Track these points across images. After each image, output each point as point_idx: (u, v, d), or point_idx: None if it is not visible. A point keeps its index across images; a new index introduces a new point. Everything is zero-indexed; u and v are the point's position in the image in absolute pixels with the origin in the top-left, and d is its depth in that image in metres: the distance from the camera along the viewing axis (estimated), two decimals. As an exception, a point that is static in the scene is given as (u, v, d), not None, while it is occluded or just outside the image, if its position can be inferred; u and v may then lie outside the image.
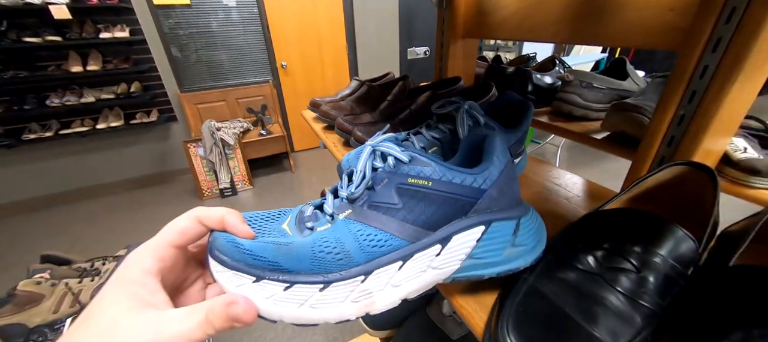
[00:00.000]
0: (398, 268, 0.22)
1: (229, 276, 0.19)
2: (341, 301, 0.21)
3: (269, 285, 0.19)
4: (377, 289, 0.21)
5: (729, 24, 0.29)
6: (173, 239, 0.20)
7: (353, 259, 0.21)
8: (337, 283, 0.20)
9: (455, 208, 0.24)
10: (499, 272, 0.25)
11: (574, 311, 0.21)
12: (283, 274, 0.20)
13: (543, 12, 0.48)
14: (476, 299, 0.28)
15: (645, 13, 0.37)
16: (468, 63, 0.71)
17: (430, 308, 0.59)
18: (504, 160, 0.27)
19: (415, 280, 0.23)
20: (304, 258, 0.20)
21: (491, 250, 0.25)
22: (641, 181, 0.31)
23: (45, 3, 1.81)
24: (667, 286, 0.21)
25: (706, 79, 0.31)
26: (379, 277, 0.21)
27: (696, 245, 0.22)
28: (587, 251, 0.24)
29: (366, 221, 0.22)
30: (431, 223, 0.23)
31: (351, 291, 0.21)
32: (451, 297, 0.28)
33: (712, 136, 0.33)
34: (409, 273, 0.22)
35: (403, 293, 0.23)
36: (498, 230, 0.25)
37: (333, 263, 0.21)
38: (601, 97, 0.59)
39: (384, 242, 0.22)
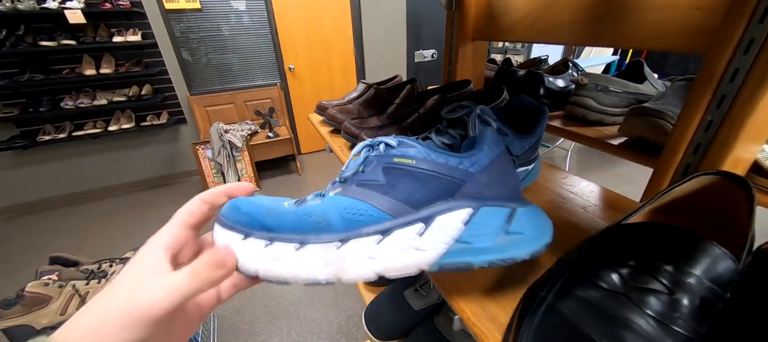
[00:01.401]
0: (377, 242, 0.22)
1: (224, 233, 0.22)
2: (314, 262, 0.21)
3: (253, 242, 0.21)
4: (352, 258, 0.22)
5: (763, 23, 0.27)
6: (183, 220, 0.23)
7: (332, 226, 0.22)
8: (313, 244, 0.21)
9: (440, 187, 0.24)
10: (490, 261, 0.23)
11: (599, 335, 0.19)
12: (266, 233, 0.21)
13: (557, 12, 0.46)
14: (490, 317, 0.26)
15: (668, 12, 0.35)
16: (478, 66, 0.70)
17: (438, 319, 0.57)
18: (496, 150, 0.28)
19: (395, 257, 0.22)
20: (288, 220, 0.22)
21: (481, 236, 0.24)
22: (667, 192, 0.29)
23: (61, 8, 1.86)
24: (703, 309, 0.19)
25: (737, 83, 0.29)
26: (356, 246, 0.22)
27: (735, 264, 0.20)
28: (611, 268, 0.23)
29: (351, 195, 0.24)
30: (414, 201, 0.23)
31: (325, 254, 0.21)
32: (463, 313, 0.27)
33: (743, 143, 0.31)
34: (389, 248, 0.22)
35: (379, 268, 0.22)
36: (488, 215, 0.24)
37: (312, 226, 0.22)
38: (617, 101, 0.57)
39: (364, 212, 0.23)
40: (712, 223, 0.27)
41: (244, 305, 1.51)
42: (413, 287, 0.62)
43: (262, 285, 1.65)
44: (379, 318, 0.58)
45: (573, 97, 0.59)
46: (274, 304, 1.51)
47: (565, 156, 2.67)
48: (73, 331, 0.17)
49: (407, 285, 0.63)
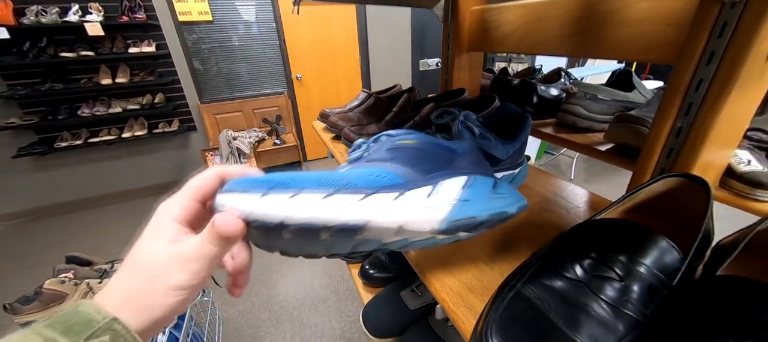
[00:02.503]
0: (394, 198, 0.24)
1: (236, 197, 0.21)
2: (343, 207, 0.22)
3: (276, 195, 0.21)
4: (376, 208, 0.23)
5: (721, 38, 0.29)
6: (193, 194, 0.23)
7: (355, 184, 0.23)
8: (340, 193, 0.22)
9: (437, 158, 0.29)
10: (489, 212, 0.27)
11: (558, 317, 0.22)
12: (289, 189, 0.21)
13: (543, 28, 0.49)
14: (467, 306, 0.28)
15: (642, 28, 0.37)
16: (473, 75, 0.73)
17: (433, 318, 0.59)
18: (472, 142, 0.34)
19: (412, 212, 0.24)
20: (310, 179, 0.22)
21: (477, 194, 0.28)
22: (636, 192, 0.31)
23: (81, 21, 1.96)
24: (650, 295, 0.21)
25: (702, 92, 0.31)
26: (378, 199, 0.23)
27: (680, 255, 0.22)
28: (575, 260, 0.25)
29: (364, 166, 0.27)
30: (419, 168, 0.27)
31: (351, 203, 0.22)
32: (443, 302, 0.29)
33: (711, 148, 0.33)
34: (405, 205, 0.24)
35: (400, 219, 0.23)
36: (479, 182, 0.29)
37: (337, 182, 0.23)
38: (606, 109, 0.59)
39: (381, 174, 0.25)
40: (675, 219, 0.29)
41: (249, 309, 1.54)
42: (409, 288, 0.64)
43: (266, 289, 1.66)
44: (376, 317, 0.60)
45: (564, 105, 0.61)
46: (278, 308, 1.54)
47: (571, 163, 2.67)
48: (121, 303, 0.19)
49: (403, 286, 0.65)
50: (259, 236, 0.22)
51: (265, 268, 1.79)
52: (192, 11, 2.30)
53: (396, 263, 0.68)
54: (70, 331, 0.17)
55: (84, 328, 0.17)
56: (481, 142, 0.35)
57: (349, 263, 0.78)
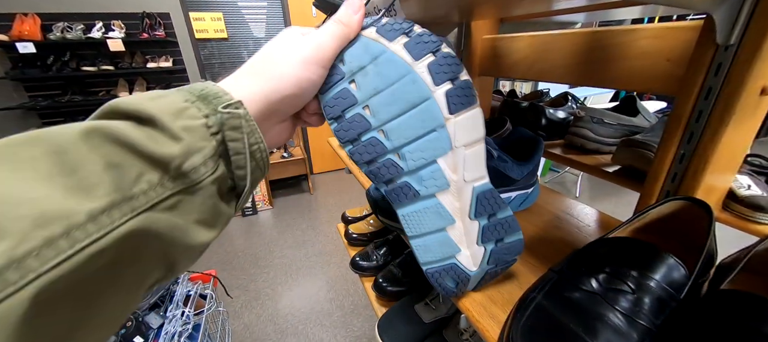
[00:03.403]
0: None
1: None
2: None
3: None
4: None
5: (717, 77, 0.32)
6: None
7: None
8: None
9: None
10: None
11: (577, 326, 0.24)
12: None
13: (551, 57, 0.53)
14: (491, 316, 0.31)
15: (645, 61, 0.41)
16: (484, 98, 0.77)
17: (447, 331, 0.60)
18: None
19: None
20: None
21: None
22: (644, 213, 0.34)
23: (104, 37, 2.05)
24: (660, 306, 0.24)
25: (702, 122, 0.34)
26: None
27: (687, 272, 0.25)
28: (590, 274, 0.27)
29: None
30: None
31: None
32: (468, 312, 0.32)
33: (712, 173, 0.35)
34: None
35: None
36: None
37: None
38: (612, 132, 0.62)
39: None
40: (680, 239, 0.31)
41: (254, 322, 1.54)
42: (423, 302, 0.66)
43: (272, 303, 1.66)
44: (391, 329, 0.61)
45: (572, 128, 0.64)
46: (283, 322, 1.54)
47: (576, 181, 2.68)
48: (250, 77, 0.21)
49: (417, 299, 0.67)
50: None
51: (271, 281, 1.79)
52: (209, 29, 2.40)
53: (409, 277, 0.70)
54: (205, 99, 0.18)
55: (216, 101, 0.18)
56: (499, 164, 0.38)
57: (362, 276, 0.80)
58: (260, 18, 2.56)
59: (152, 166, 0.15)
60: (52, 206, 0.12)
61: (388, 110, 0.25)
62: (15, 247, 0.11)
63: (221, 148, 0.18)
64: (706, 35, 0.33)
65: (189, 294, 0.94)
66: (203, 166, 0.17)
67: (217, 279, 1.05)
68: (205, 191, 0.17)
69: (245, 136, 0.18)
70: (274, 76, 0.21)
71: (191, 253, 0.18)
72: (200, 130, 0.17)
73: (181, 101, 0.17)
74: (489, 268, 0.30)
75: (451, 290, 0.30)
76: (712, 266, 0.29)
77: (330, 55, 0.23)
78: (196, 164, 0.16)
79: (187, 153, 0.16)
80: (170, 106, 0.17)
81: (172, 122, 0.16)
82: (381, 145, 0.26)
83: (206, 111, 0.18)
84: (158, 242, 0.15)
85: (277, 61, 0.21)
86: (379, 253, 0.78)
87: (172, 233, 0.16)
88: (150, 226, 0.15)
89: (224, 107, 0.18)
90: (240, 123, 0.18)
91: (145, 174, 0.15)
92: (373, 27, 0.24)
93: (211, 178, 0.17)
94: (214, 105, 0.18)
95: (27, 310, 0.11)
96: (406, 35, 0.24)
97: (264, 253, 2.02)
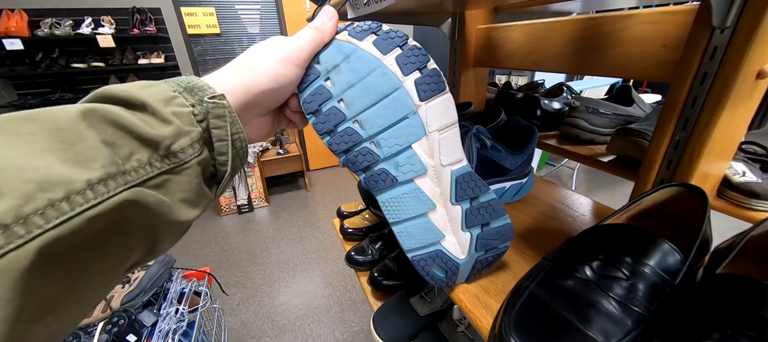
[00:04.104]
0: None
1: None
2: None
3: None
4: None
5: (713, 60, 0.32)
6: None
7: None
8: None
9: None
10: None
11: (571, 313, 0.24)
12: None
13: (547, 46, 0.52)
14: (484, 306, 0.30)
15: (640, 48, 0.40)
16: (479, 89, 0.76)
17: (442, 324, 0.60)
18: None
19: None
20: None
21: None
22: (639, 200, 0.33)
23: (93, 33, 2.01)
24: (655, 292, 0.23)
25: (697, 108, 0.34)
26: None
27: (681, 257, 0.24)
28: (584, 262, 0.27)
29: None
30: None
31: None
32: (461, 303, 0.31)
33: (707, 160, 0.35)
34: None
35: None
36: None
37: None
38: (607, 122, 0.61)
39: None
40: (675, 225, 0.31)
41: (251, 319, 1.54)
42: (419, 295, 0.65)
43: (269, 300, 1.66)
44: (387, 323, 0.61)
45: (567, 119, 0.64)
46: (280, 319, 1.54)
47: (572, 174, 2.69)
48: (230, 72, 0.23)
49: (412, 293, 0.66)
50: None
51: (268, 278, 1.79)
52: (201, 24, 2.37)
53: (404, 271, 0.69)
54: (191, 90, 0.20)
55: (201, 92, 0.20)
56: (493, 154, 0.38)
57: (358, 271, 0.80)
58: (254, 13, 2.53)
59: (143, 146, 0.17)
60: (53, 173, 0.13)
61: (361, 101, 0.27)
62: (22, 206, 0.12)
63: (206, 134, 0.20)
64: (701, 18, 0.32)
65: (183, 291, 0.93)
66: (190, 147, 0.19)
67: (211, 276, 1.04)
68: (191, 171, 0.19)
69: (228, 125, 0.20)
70: (253, 71, 0.23)
71: (174, 230, 0.19)
72: (188, 116, 0.19)
73: (170, 91, 0.19)
74: (479, 256, 0.29)
75: (441, 280, 0.30)
76: (707, 252, 0.28)
77: (306, 56, 0.26)
78: (184, 146, 0.18)
79: (177, 135, 0.18)
80: (160, 94, 0.18)
81: (163, 107, 0.18)
82: (356, 134, 0.28)
83: (192, 101, 0.20)
84: (146, 216, 0.17)
85: (257, 59, 0.24)
86: (374, 247, 0.77)
87: (159, 208, 0.17)
88: (141, 199, 0.16)
89: (210, 98, 0.20)
90: (224, 112, 0.20)
91: (136, 153, 0.16)
92: (345, 30, 0.27)
93: (197, 159, 0.19)
94: (200, 96, 0.20)
95: (30, 263, 0.12)
96: (375, 34, 0.27)
97: (260, 250, 2.01)
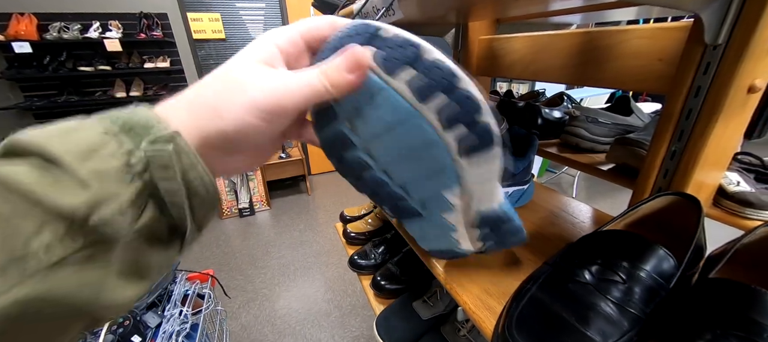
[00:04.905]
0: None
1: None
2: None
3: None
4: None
5: (706, 75, 0.33)
6: (304, 31, 0.20)
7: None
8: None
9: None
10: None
11: (570, 315, 0.25)
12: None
13: (548, 57, 0.54)
14: (487, 308, 0.31)
15: (638, 61, 0.42)
16: (481, 97, 0.78)
17: (445, 328, 0.61)
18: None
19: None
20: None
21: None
22: (636, 208, 0.34)
23: (101, 37, 2.05)
24: (650, 295, 0.24)
25: (692, 120, 0.35)
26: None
27: (676, 263, 0.25)
28: (583, 266, 0.28)
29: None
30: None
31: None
32: (465, 305, 0.32)
33: (702, 169, 0.36)
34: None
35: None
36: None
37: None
38: (606, 131, 0.63)
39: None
40: (671, 232, 0.32)
41: (251, 323, 1.54)
42: (421, 299, 0.66)
43: (270, 304, 1.67)
44: (390, 326, 0.62)
45: (567, 127, 0.65)
46: (281, 323, 1.54)
47: (572, 182, 2.70)
48: (185, 107, 0.17)
49: (414, 297, 0.67)
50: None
51: (269, 282, 1.79)
52: (206, 30, 2.40)
53: (407, 275, 0.70)
54: (130, 130, 0.15)
55: (144, 132, 0.15)
56: None
57: (361, 275, 0.81)
58: (258, 19, 2.57)
59: (54, 219, 0.12)
60: None
61: (390, 154, 0.22)
62: None
63: (150, 188, 0.15)
64: (695, 35, 0.34)
65: (187, 293, 0.94)
66: (120, 215, 0.14)
67: (215, 279, 1.05)
68: (128, 243, 0.14)
69: (178, 174, 0.15)
70: (212, 112, 0.17)
71: (113, 310, 0.15)
72: (116, 172, 0.14)
73: (98, 134, 0.14)
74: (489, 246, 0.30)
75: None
76: (702, 259, 0.30)
77: (290, 111, 0.18)
78: (106, 216, 0.13)
79: (96, 203, 0.13)
80: (81, 143, 0.14)
81: (80, 164, 0.13)
82: (383, 182, 0.24)
83: (130, 145, 0.15)
84: (61, 308, 0.13)
85: (219, 96, 0.17)
86: (377, 251, 0.78)
87: (81, 293, 0.13)
88: (49, 290, 0.12)
89: (151, 141, 0.15)
90: (169, 161, 0.15)
91: (45, 227, 0.12)
92: (374, 49, 0.19)
93: (133, 227, 0.14)
94: (141, 137, 0.15)
95: None
96: (412, 67, 0.19)
97: (261, 254, 2.01)
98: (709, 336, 0.20)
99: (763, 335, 0.19)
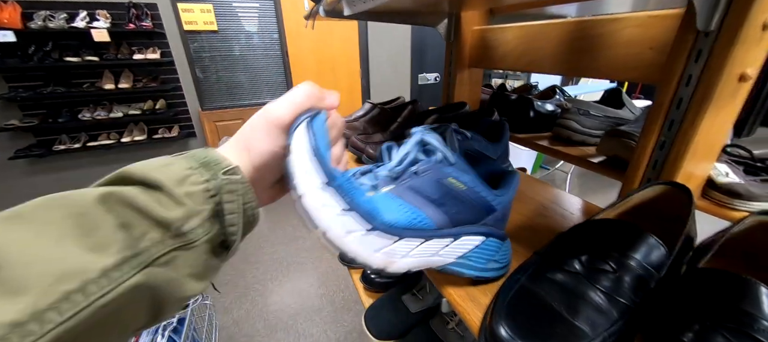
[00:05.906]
0: (418, 244, 0.25)
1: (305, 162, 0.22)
2: (374, 250, 0.24)
3: (334, 196, 0.23)
4: (401, 254, 0.25)
5: (698, 63, 0.33)
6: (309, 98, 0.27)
7: (395, 225, 0.25)
8: (379, 233, 0.24)
9: (475, 214, 0.29)
10: (475, 276, 0.30)
11: (559, 305, 0.24)
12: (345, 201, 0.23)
13: (540, 48, 0.53)
14: (472, 299, 0.31)
15: (629, 50, 0.41)
16: (473, 90, 0.77)
17: (434, 321, 0.61)
18: (513, 194, 0.34)
19: (423, 258, 0.26)
20: (363, 206, 0.24)
21: (480, 257, 0.30)
22: (627, 198, 0.34)
23: (88, 27, 1.99)
24: (640, 285, 0.24)
25: (682, 109, 0.35)
26: (407, 244, 0.25)
27: (666, 251, 0.25)
28: (573, 256, 0.28)
29: (409, 201, 0.26)
30: (456, 220, 0.28)
31: (384, 245, 0.24)
32: (450, 297, 0.32)
33: (692, 160, 0.36)
34: (424, 251, 0.26)
35: (412, 264, 0.26)
36: (490, 244, 0.31)
37: (380, 221, 0.24)
38: (598, 124, 0.62)
39: (422, 220, 0.26)
40: (661, 222, 0.32)
41: (243, 318, 1.53)
42: (411, 292, 0.66)
43: (262, 299, 1.65)
44: (379, 319, 0.61)
45: (559, 120, 0.65)
46: (273, 318, 1.53)
47: (565, 178, 2.72)
48: (235, 144, 0.24)
49: (404, 290, 0.67)
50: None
51: (261, 277, 1.78)
52: (198, 21, 2.35)
53: (397, 269, 0.69)
54: (206, 165, 0.21)
55: (216, 167, 0.21)
56: (474, 143, 0.38)
57: (351, 269, 0.80)
58: (252, 11, 2.52)
59: (156, 226, 0.18)
60: (71, 263, 0.14)
61: None
62: (38, 302, 0.13)
63: (218, 207, 0.20)
64: (687, 22, 0.33)
65: (175, 288, 0.92)
66: (200, 227, 0.19)
67: (204, 273, 1.04)
68: (200, 249, 0.20)
69: (240, 198, 0.21)
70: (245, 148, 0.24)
71: (179, 303, 0.20)
72: (200, 194, 0.20)
73: (185, 168, 0.20)
74: None
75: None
76: (692, 247, 0.29)
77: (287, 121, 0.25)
78: (194, 226, 0.19)
79: (188, 216, 0.19)
80: (175, 174, 0.19)
81: (177, 188, 0.19)
82: None
83: (207, 176, 0.20)
84: (155, 294, 0.18)
85: (248, 134, 0.25)
86: (368, 245, 0.77)
87: (167, 286, 0.18)
88: (150, 280, 0.17)
89: (224, 173, 0.21)
90: (236, 187, 0.21)
91: (148, 232, 0.17)
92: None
93: (206, 237, 0.20)
94: (215, 171, 0.21)
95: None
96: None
97: (254, 249, 1.99)
98: (699, 326, 0.20)
99: (751, 324, 0.19)
